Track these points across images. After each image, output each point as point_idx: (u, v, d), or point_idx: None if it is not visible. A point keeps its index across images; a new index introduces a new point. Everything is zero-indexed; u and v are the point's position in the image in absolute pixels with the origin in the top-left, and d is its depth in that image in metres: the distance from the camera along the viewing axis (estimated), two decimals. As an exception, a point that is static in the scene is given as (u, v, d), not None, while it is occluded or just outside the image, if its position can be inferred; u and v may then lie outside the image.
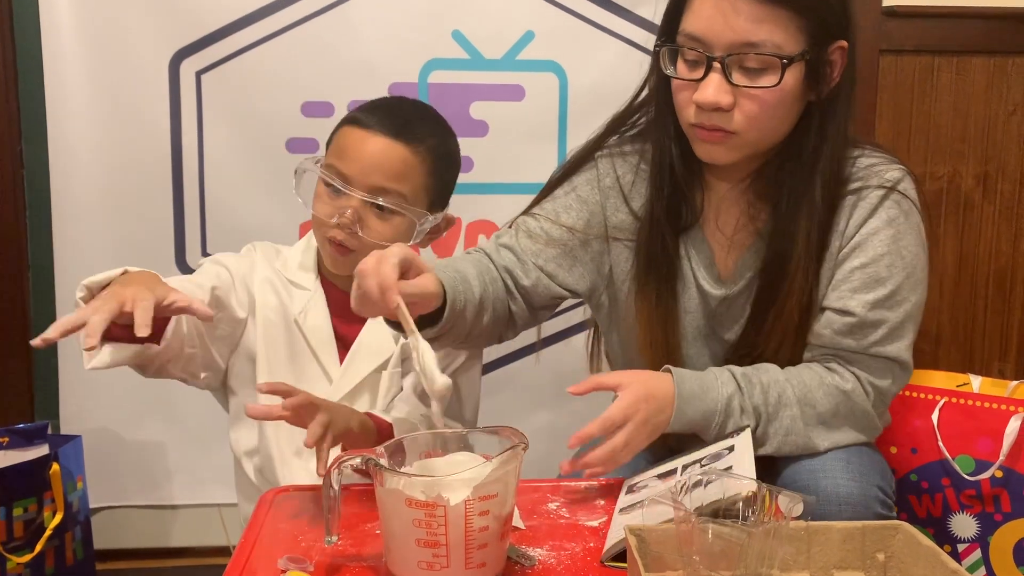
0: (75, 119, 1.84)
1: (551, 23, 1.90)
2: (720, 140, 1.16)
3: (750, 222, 1.24)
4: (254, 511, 1.11)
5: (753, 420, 1.17)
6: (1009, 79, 2.01)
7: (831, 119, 1.18)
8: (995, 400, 1.54)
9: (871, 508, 1.13)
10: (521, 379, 1.97)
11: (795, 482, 1.16)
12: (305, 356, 1.34)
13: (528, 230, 1.28)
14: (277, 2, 1.85)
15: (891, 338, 1.19)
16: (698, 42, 1.13)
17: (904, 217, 1.20)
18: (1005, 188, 2.06)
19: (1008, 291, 2.09)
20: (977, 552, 1.56)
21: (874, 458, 1.20)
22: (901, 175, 1.21)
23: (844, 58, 1.16)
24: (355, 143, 1.30)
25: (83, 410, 1.91)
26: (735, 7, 1.10)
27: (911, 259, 1.20)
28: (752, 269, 1.24)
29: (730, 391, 1.17)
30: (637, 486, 1.13)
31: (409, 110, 1.38)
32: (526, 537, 1.05)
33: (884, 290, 1.18)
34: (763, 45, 1.10)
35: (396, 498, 0.89)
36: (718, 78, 1.12)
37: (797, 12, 1.11)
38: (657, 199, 1.24)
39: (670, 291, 1.25)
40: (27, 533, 1.65)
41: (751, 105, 1.13)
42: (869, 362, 1.20)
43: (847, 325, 1.19)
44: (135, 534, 1.99)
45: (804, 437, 1.17)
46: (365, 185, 1.28)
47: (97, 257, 1.87)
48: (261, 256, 1.39)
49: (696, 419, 1.15)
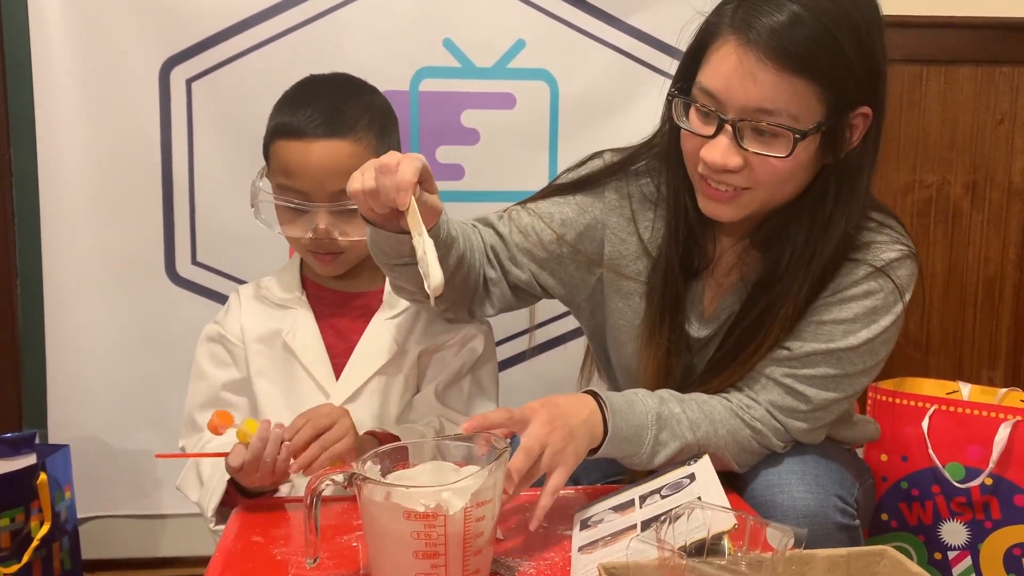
0: (64, 126, 1.83)
1: (542, 32, 1.90)
2: (728, 200, 1.13)
3: (739, 264, 1.23)
4: (227, 523, 1.11)
5: (691, 433, 1.15)
6: (997, 88, 2.02)
7: (847, 184, 1.13)
8: (985, 408, 1.54)
9: (830, 518, 1.12)
10: (512, 387, 1.96)
11: (754, 499, 1.15)
12: (299, 375, 1.33)
13: (521, 226, 1.27)
14: (268, 10, 1.85)
15: (814, 383, 1.17)
16: (712, 99, 1.09)
17: (893, 297, 1.16)
18: (993, 196, 2.07)
19: (997, 299, 2.10)
20: (967, 560, 1.57)
21: (830, 466, 1.18)
22: (909, 256, 1.17)
23: (867, 123, 1.11)
24: (297, 157, 1.27)
25: (71, 419, 1.90)
26: (753, 73, 1.05)
27: (872, 335, 1.16)
28: (729, 311, 1.23)
29: (655, 401, 1.16)
30: (592, 520, 1.09)
31: (330, 96, 1.32)
32: (505, 547, 1.04)
33: (832, 344, 1.16)
34: (778, 114, 1.06)
35: (391, 511, 0.87)
36: (727, 141, 1.08)
37: (818, 83, 1.05)
38: (673, 244, 1.22)
39: (679, 334, 1.23)
40: (14, 543, 1.63)
41: (762, 169, 1.09)
42: (780, 391, 1.18)
43: (783, 355, 1.17)
44: (123, 544, 1.97)
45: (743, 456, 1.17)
46: (325, 195, 1.26)
47: (86, 265, 1.87)
48: (245, 294, 1.39)
49: (629, 432, 1.13)
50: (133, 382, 1.90)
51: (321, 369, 1.33)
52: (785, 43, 1.04)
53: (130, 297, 1.89)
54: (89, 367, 1.89)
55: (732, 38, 1.07)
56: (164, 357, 1.87)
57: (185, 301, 1.90)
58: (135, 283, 1.89)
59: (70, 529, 1.76)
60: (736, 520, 0.90)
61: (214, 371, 1.34)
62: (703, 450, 1.16)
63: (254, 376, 1.32)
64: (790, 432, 1.19)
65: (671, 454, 1.15)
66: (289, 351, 1.33)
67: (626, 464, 1.17)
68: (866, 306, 1.16)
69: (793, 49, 1.04)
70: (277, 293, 1.37)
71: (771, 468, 1.17)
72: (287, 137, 1.28)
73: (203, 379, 1.35)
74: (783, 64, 1.04)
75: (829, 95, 1.07)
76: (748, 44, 1.05)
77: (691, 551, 0.88)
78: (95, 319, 1.88)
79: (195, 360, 1.37)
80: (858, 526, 1.17)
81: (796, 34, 1.04)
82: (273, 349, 1.33)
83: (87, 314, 1.88)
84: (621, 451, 1.14)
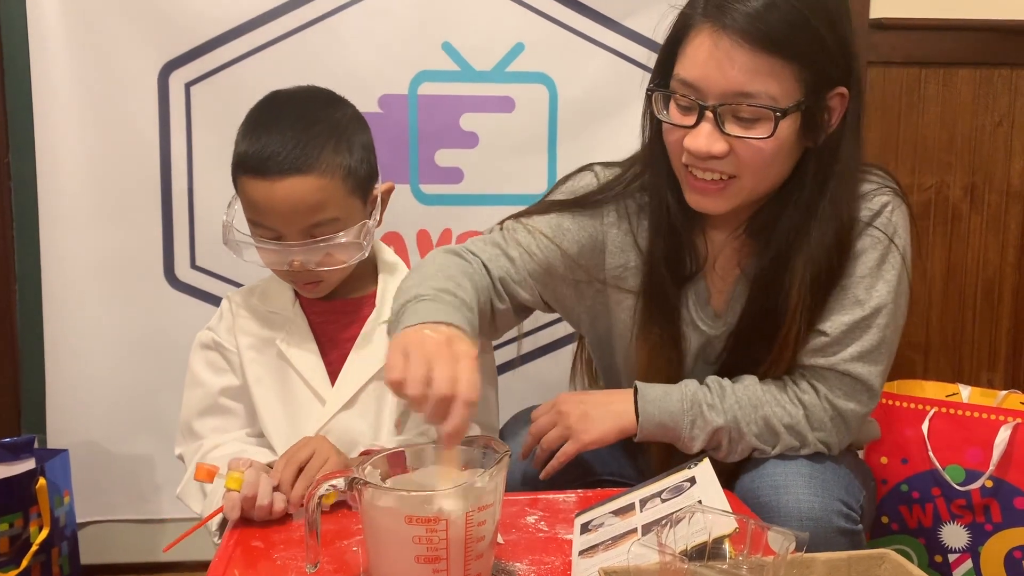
0: (63, 131, 1.83)
1: (541, 35, 1.91)
2: (716, 192, 1.14)
3: (737, 257, 1.24)
4: (227, 529, 1.10)
5: (724, 418, 1.18)
6: (995, 90, 2.03)
7: (830, 165, 1.14)
8: (985, 410, 1.54)
9: (832, 523, 1.12)
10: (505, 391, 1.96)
11: (757, 498, 1.16)
12: (295, 382, 1.32)
13: (524, 245, 1.27)
14: (267, 14, 1.85)
15: (863, 360, 1.19)
16: (691, 89, 1.10)
17: (888, 243, 1.18)
18: (992, 199, 2.07)
19: (996, 301, 2.10)
20: (968, 562, 1.57)
21: (839, 471, 1.19)
22: (890, 199, 1.19)
23: (844, 104, 1.13)
24: (264, 197, 1.23)
25: (70, 424, 1.90)
26: (730, 56, 1.07)
27: (892, 285, 1.18)
28: (740, 302, 1.24)
29: (693, 390, 1.20)
30: (592, 524, 1.09)
31: (291, 123, 1.25)
32: (505, 551, 1.04)
33: (861, 311, 1.17)
34: (757, 96, 1.07)
35: (393, 516, 0.87)
36: (709, 127, 1.10)
37: (794, 62, 1.07)
38: (656, 244, 1.23)
39: (672, 337, 1.25)
40: (13, 548, 1.63)
41: (746, 153, 1.11)
42: (836, 380, 1.19)
43: (821, 343, 1.19)
44: (122, 549, 1.97)
45: (762, 443, 1.19)
46: (296, 232, 1.23)
47: (85, 270, 1.87)
48: (236, 301, 1.38)
49: (664, 419, 1.18)
50: (132, 386, 1.90)
51: (316, 376, 1.32)
52: (760, 25, 1.06)
53: (129, 301, 1.89)
54: (88, 371, 1.89)
55: (707, 26, 1.09)
56: (163, 361, 1.87)
57: (184, 305, 1.90)
58: (134, 287, 1.89)
59: (69, 534, 1.76)
60: (737, 524, 0.90)
61: (211, 378, 1.34)
62: (741, 434, 1.19)
63: (251, 384, 1.32)
64: (847, 420, 1.20)
65: (706, 438, 1.20)
66: (284, 359, 1.32)
67: (679, 448, 1.22)
68: (872, 259, 1.18)
69: (768, 30, 1.06)
70: (269, 300, 1.36)
71: (778, 469, 1.17)
72: (250, 174, 1.24)
73: (200, 386, 1.34)
74: (760, 45, 1.06)
75: (806, 75, 1.09)
76: (723, 29, 1.07)
77: (692, 555, 0.88)
78: (94, 324, 1.88)
79: (190, 367, 1.36)
80: (861, 531, 1.17)
81: (771, 17, 1.06)
82: (267, 356, 1.33)
83: (86, 319, 1.88)
84: (665, 436, 1.21)
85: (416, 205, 1.91)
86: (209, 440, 1.30)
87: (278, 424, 1.30)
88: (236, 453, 1.22)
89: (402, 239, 1.92)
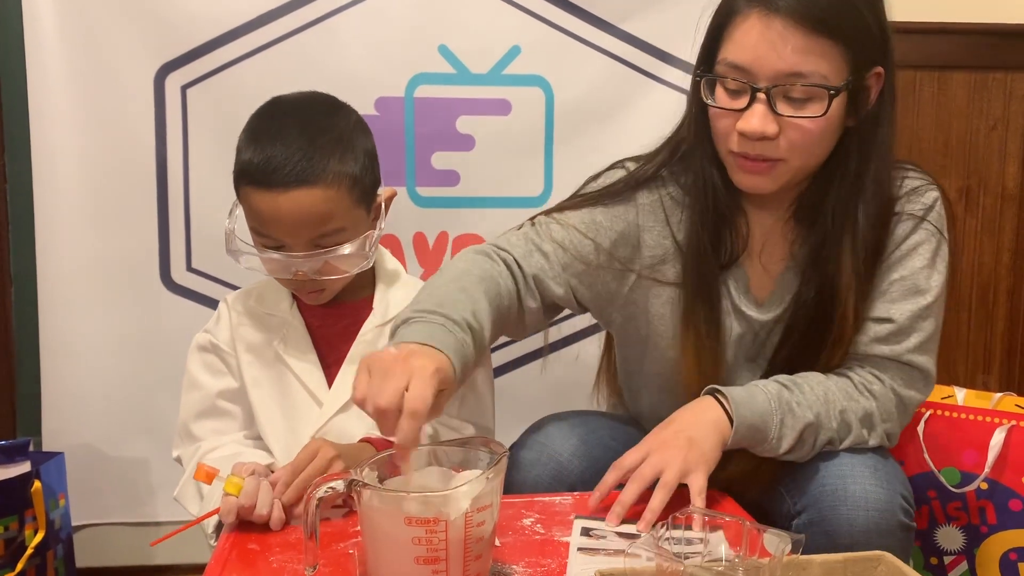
0: (59, 133, 1.83)
1: (537, 38, 1.91)
2: (765, 171, 1.17)
3: (784, 242, 1.25)
4: (223, 532, 1.10)
5: (811, 414, 1.17)
6: (990, 94, 2.03)
7: (871, 143, 1.18)
8: (980, 412, 1.54)
9: (896, 516, 1.13)
10: (519, 389, 1.95)
11: (823, 487, 1.15)
12: (292, 385, 1.32)
13: (558, 240, 1.27)
14: (263, 16, 1.85)
15: (922, 349, 1.22)
16: (742, 72, 1.13)
17: (940, 237, 1.23)
18: (987, 202, 2.08)
19: (991, 304, 2.10)
20: (963, 564, 1.57)
21: (896, 468, 1.21)
22: (938, 195, 1.24)
23: (880, 83, 1.17)
24: (268, 208, 1.21)
25: (65, 427, 1.89)
26: (783, 37, 1.10)
27: (943, 277, 1.23)
28: (790, 291, 1.24)
29: (775, 389, 1.18)
30: (595, 533, 1.09)
31: (294, 135, 1.22)
32: (502, 554, 1.04)
33: (924, 300, 1.21)
34: (810, 76, 1.11)
35: (392, 517, 0.87)
36: (763, 108, 1.12)
37: (841, 42, 1.11)
38: (702, 230, 1.23)
39: (715, 322, 1.25)
40: (8, 551, 1.63)
41: (796, 133, 1.13)
42: (898, 370, 1.21)
43: (886, 331, 1.21)
44: (118, 552, 1.97)
45: (838, 437, 1.19)
46: (301, 243, 1.23)
47: (80, 272, 1.86)
48: (234, 303, 1.37)
49: (755, 420, 1.15)
50: (128, 389, 1.90)
51: (313, 378, 1.32)
52: (810, 8, 1.10)
53: (125, 304, 1.88)
54: (84, 374, 1.89)
55: (754, 11, 1.12)
56: (159, 364, 1.87)
57: (180, 308, 1.89)
58: (130, 290, 1.88)
59: (64, 537, 1.76)
60: (734, 526, 0.90)
61: (209, 380, 1.34)
62: (822, 430, 1.18)
63: (249, 387, 1.32)
64: (908, 409, 1.22)
65: (795, 436, 1.17)
66: (281, 361, 1.32)
67: (757, 452, 1.19)
68: (929, 250, 1.22)
69: (818, 13, 1.10)
70: (267, 302, 1.36)
71: (844, 459, 1.18)
72: (255, 185, 1.22)
73: (198, 388, 1.34)
74: (811, 27, 1.09)
75: (851, 55, 1.12)
76: (773, 13, 1.10)
77: (689, 557, 0.88)
78: (90, 326, 1.88)
79: (187, 370, 1.36)
80: (915, 529, 1.18)
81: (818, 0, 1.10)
82: (265, 359, 1.33)
83: (82, 321, 1.87)
84: (751, 439, 1.17)
85: (412, 208, 1.91)
86: (207, 442, 1.30)
87: (275, 426, 1.30)
88: (234, 455, 1.22)
89: (398, 242, 1.92)
